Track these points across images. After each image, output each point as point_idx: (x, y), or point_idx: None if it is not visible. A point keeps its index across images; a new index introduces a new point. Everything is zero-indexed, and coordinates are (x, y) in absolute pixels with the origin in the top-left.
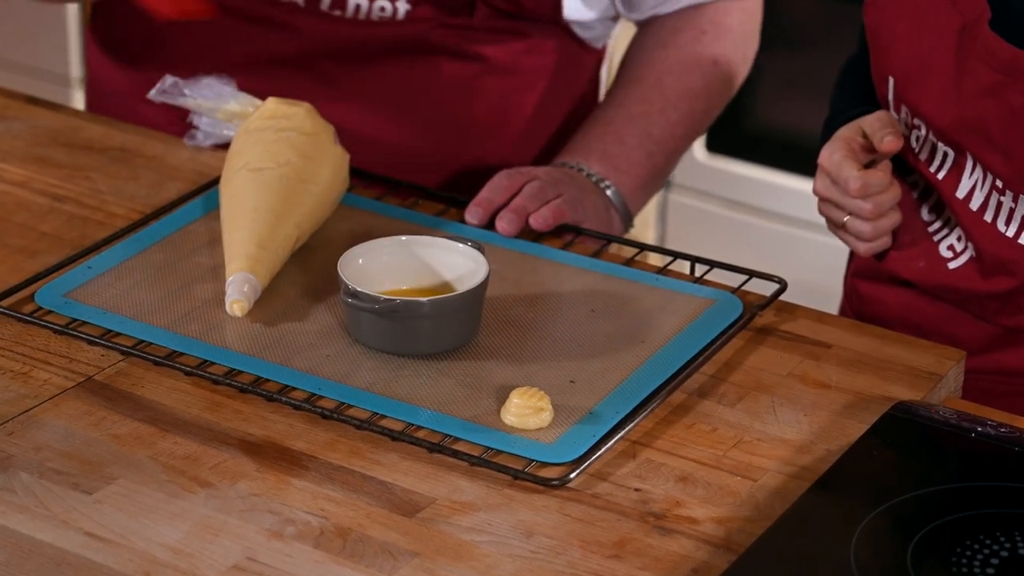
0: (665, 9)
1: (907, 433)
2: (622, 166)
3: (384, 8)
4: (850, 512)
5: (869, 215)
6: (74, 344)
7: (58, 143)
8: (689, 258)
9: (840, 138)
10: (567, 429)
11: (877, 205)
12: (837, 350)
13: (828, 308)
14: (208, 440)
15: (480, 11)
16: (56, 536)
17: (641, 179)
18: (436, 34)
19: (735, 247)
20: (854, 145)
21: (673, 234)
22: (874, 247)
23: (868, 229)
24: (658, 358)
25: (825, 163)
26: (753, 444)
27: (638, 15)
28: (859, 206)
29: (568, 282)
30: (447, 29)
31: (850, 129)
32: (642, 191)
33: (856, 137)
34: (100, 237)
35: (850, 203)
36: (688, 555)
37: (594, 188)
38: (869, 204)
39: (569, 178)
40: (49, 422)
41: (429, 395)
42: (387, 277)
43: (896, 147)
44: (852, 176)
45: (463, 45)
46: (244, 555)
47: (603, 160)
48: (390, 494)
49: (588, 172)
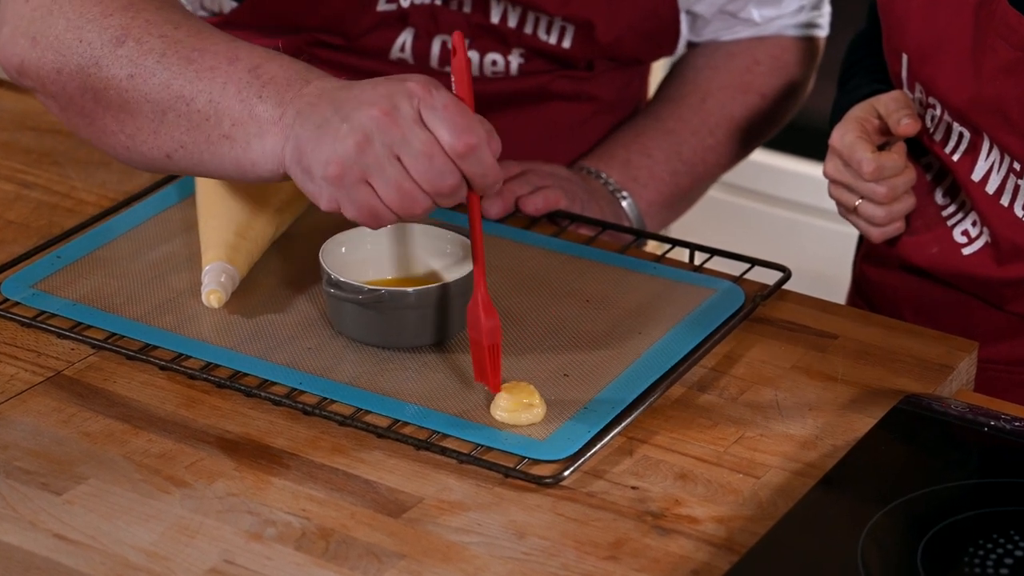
0: (726, 36)
1: (917, 428)
2: (642, 178)
3: (496, 62)
4: (857, 510)
5: (883, 199)
6: (42, 337)
7: (24, 127)
8: (688, 245)
9: (853, 118)
10: (560, 425)
11: (891, 188)
12: (843, 341)
13: (834, 297)
14: (184, 438)
15: (599, 64)
16: (24, 539)
17: (662, 196)
18: (555, 85)
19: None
20: (867, 126)
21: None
22: (887, 232)
23: (881, 213)
24: (656, 350)
25: (837, 144)
26: (756, 440)
27: (696, 37)
28: (872, 189)
29: (561, 271)
30: (565, 80)
31: (863, 109)
32: (662, 209)
33: (870, 118)
34: (69, 225)
35: (863, 186)
36: (688, 556)
37: (608, 196)
38: (883, 187)
39: (581, 180)
40: (16, 419)
41: (416, 390)
42: (371, 266)
43: (914, 130)
44: (866, 158)
45: (579, 90)
46: (222, 558)
47: (624, 169)
48: (375, 493)
49: (606, 180)
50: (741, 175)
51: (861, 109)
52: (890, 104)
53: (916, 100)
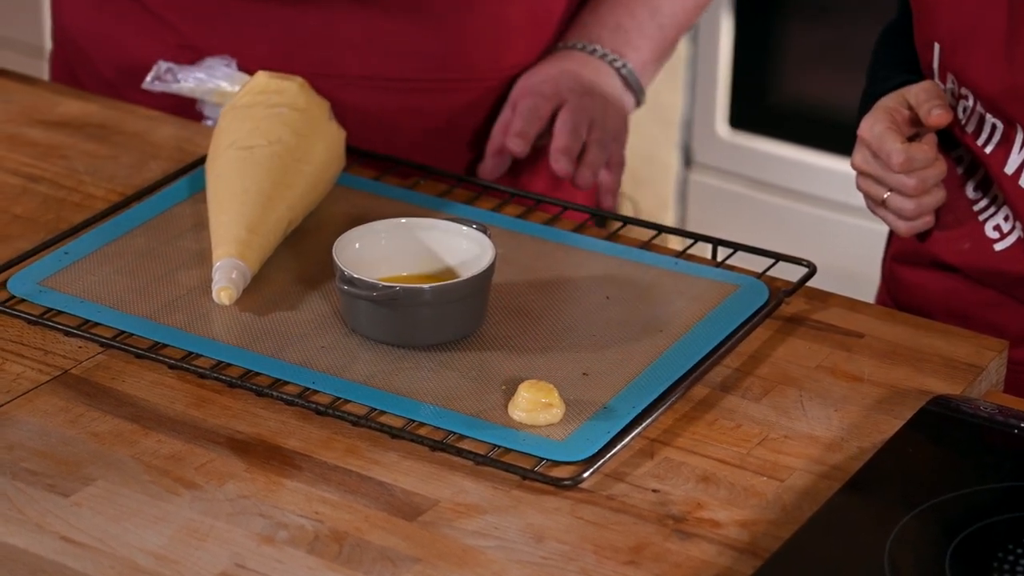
0: None
1: (945, 429)
2: (634, 41)
3: None
4: (884, 514)
5: (912, 191)
6: (49, 335)
7: (32, 119)
8: (711, 240)
9: (882, 108)
10: (580, 425)
11: (921, 181)
12: (870, 340)
13: (860, 295)
14: (194, 438)
15: None
16: (30, 541)
17: (653, 54)
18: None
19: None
20: (897, 117)
21: (694, 215)
22: (916, 226)
23: (910, 207)
24: (677, 348)
25: (866, 135)
26: (780, 442)
27: None
28: (901, 181)
29: (581, 267)
30: None
31: (893, 99)
32: (654, 65)
33: (900, 108)
34: (77, 220)
35: (892, 178)
36: (710, 561)
37: (608, 69)
38: (912, 180)
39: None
40: (23, 419)
41: (431, 389)
42: (385, 262)
43: (945, 121)
44: (895, 149)
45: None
46: (232, 561)
47: (615, 35)
48: (389, 496)
49: (601, 52)
50: (764, 169)
51: (891, 99)
52: (921, 94)
53: (948, 91)
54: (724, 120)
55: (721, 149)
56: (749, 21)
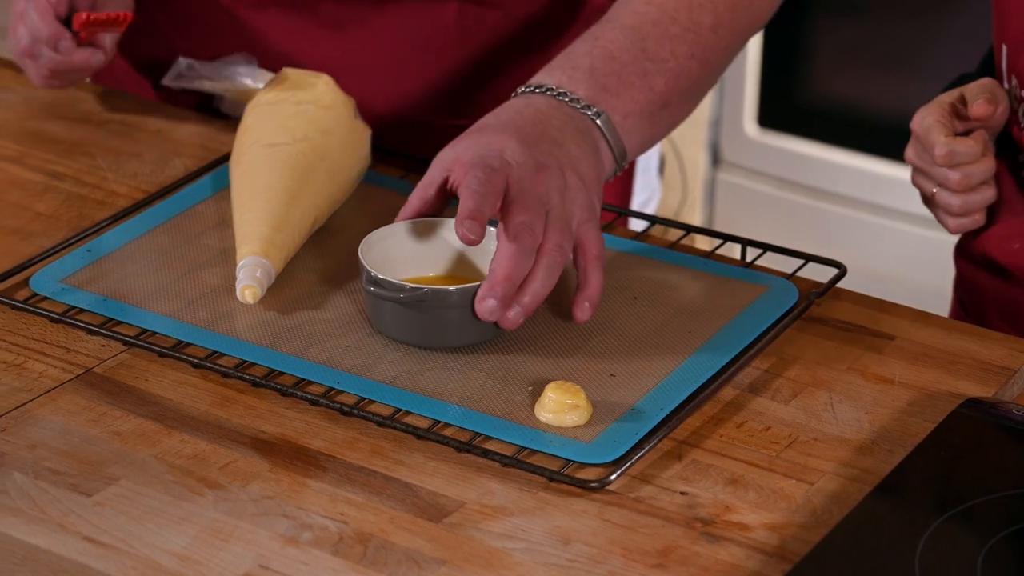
0: None
1: (977, 432)
2: (612, 86)
3: None
4: (915, 518)
5: (956, 186)
6: (72, 334)
7: (54, 116)
8: (740, 241)
9: (936, 102)
10: (607, 427)
11: (965, 176)
12: (901, 342)
13: (890, 296)
14: (217, 438)
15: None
16: (53, 541)
17: (637, 104)
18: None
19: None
20: (949, 110)
21: (722, 215)
22: (964, 224)
23: (956, 203)
24: (706, 350)
25: (916, 127)
26: (809, 444)
27: None
28: (945, 175)
29: (608, 267)
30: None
31: (950, 94)
32: (639, 120)
33: (955, 103)
34: (100, 218)
35: (937, 172)
36: (738, 564)
37: (577, 123)
38: (956, 174)
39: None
40: (45, 418)
41: (457, 390)
42: (412, 263)
43: (984, 112)
44: (939, 142)
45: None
46: (256, 563)
47: (591, 78)
48: (415, 497)
49: (572, 96)
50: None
51: (948, 95)
52: (973, 89)
53: (1012, 92)
54: (752, 119)
55: (749, 148)
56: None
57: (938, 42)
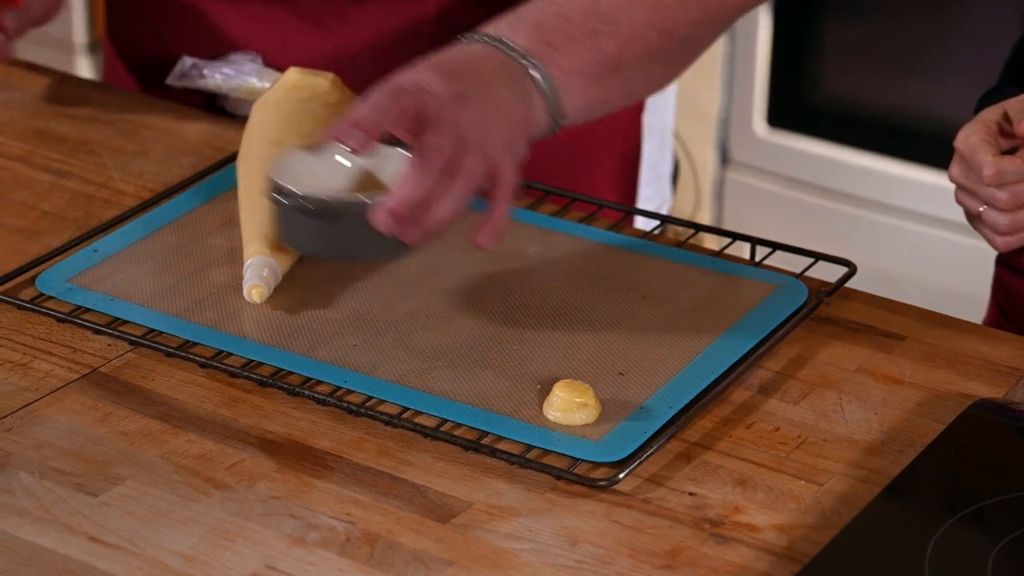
0: None
1: (987, 433)
2: (558, 42)
3: None
4: (924, 520)
5: (1004, 205)
6: (78, 333)
7: (61, 114)
8: (749, 239)
9: (980, 120)
10: (615, 426)
11: (1014, 195)
12: (911, 342)
13: (900, 296)
14: (224, 438)
15: None
16: (58, 542)
17: (582, 63)
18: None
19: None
20: (994, 128)
21: (731, 214)
22: (1011, 242)
23: (1005, 221)
24: (715, 349)
25: (961, 146)
26: (818, 445)
27: None
28: (993, 195)
29: (617, 266)
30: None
31: (993, 111)
32: (583, 79)
33: (999, 120)
34: (107, 217)
35: (984, 191)
36: (747, 565)
37: (512, 71)
38: (1004, 194)
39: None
40: (51, 418)
41: (465, 388)
42: (322, 183)
43: None
44: (987, 161)
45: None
46: (263, 563)
47: (535, 32)
48: (422, 497)
49: (511, 46)
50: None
51: (991, 111)
52: (1017, 106)
53: None
54: (762, 118)
55: (758, 147)
56: (787, 18)
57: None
